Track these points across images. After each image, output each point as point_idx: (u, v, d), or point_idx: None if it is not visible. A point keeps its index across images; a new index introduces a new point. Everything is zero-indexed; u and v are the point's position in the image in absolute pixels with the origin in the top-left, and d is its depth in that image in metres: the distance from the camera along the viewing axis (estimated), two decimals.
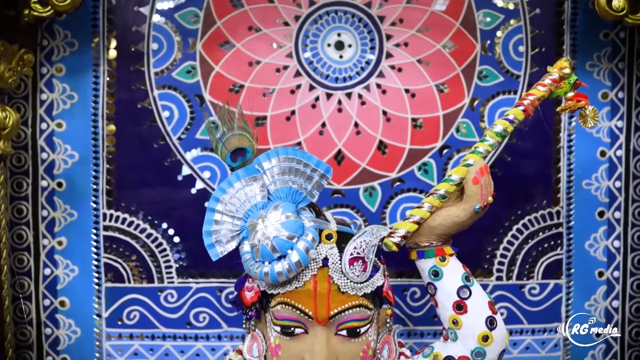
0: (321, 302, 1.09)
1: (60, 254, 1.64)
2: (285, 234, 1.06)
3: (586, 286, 1.70)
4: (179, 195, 1.63)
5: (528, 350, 1.69)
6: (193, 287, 1.65)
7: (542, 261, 1.68)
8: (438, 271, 1.16)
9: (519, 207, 1.67)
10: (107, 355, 1.66)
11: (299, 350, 1.11)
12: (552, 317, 1.69)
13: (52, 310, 1.65)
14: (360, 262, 1.10)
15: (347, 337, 1.11)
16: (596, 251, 1.69)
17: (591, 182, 1.68)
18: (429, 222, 1.16)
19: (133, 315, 1.65)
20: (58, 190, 1.63)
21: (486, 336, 1.14)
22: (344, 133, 1.63)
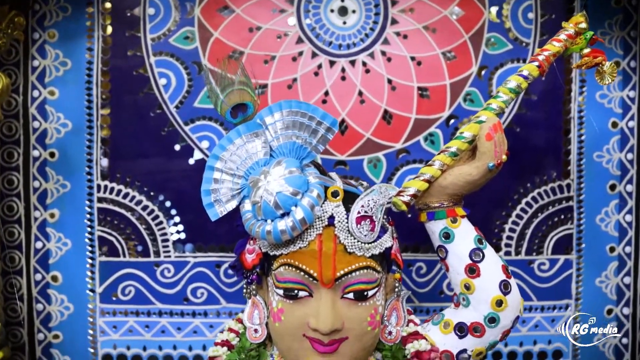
0: (326, 263, 1.03)
1: (53, 226, 1.58)
2: (289, 189, 1.01)
3: (597, 262, 1.64)
4: (176, 166, 1.57)
5: (537, 328, 1.64)
6: (190, 262, 1.59)
7: (551, 236, 1.63)
8: (449, 233, 1.10)
9: (528, 179, 1.61)
10: (101, 332, 1.60)
11: (303, 315, 1.05)
12: (562, 294, 1.64)
13: (43, 285, 1.59)
14: (368, 222, 1.04)
15: (354, 300, 1.05)
16: (607, 226, 1.64)
17: (602, 154, 1.62)
18: (440, 182, 1.10)
19: (128, 290, 1.59)
20: (50, 161, 1.57)
21: (500, 301, 1.09)
22: (348, 102, 1.57)
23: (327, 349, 1.04)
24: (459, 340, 1.11)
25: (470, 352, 1.11)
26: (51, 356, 1.60)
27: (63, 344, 1.60)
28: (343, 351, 1.05)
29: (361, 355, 1.07)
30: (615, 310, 1.65)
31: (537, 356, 1.64)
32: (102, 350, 1.60)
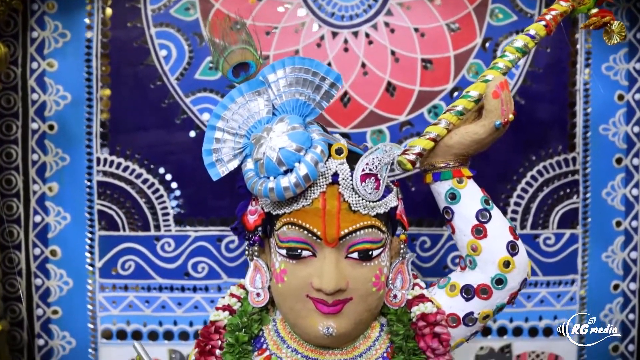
0: (330, 222, 1.01)
1: (52, 200, 1.56)
2: (292, 145, 0.98)
3: (603, 236, 1.62)
4: (176, 139, 1.55)
5: (542, 304, 1.62)
6: (191, 236, 1.57)
7: (557, 210, 1.60)
8: (455, 194, 1.08)
9: (533, 152, 1.59)
10: (101, 307, 1.57)
11: (306, 275, 1.03)
12: (568, 269, 1.61)
13: (42, 259, 1.57)
14: (373, 180, 1.02)
15: (359, 260, 1.03)
16: (613, 200, 1.62)
17: (608, 127, 1.60)
18: (446, 141, 1.08)
19: (128, 265, 1.57)
20: (49, 133, 1.55)
21: (507, 262, 1.07)
22: (351, 74, 1.55)
23: (331, 309, 1.02)
24: (465, 302, 1.09)
25: (477, 314, 1.09)
26: (50, 332, 1.58)
27: (62, 320, 1.58)
28: (347, 312, 1.03)
29: (366, 316, 1.05)
30: (621, 285, 1.63)
31: (543, 332, 1.62)
32: (102, 326, 1.58)
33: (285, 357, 1.07)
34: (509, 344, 1.62)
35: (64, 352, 1.58)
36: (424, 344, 1.06)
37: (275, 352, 1.08)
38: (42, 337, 1.57)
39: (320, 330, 1.02)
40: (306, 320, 1.03)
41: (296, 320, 1.05)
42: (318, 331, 1.02)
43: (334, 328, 1.02)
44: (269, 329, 1.11)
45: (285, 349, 1.08)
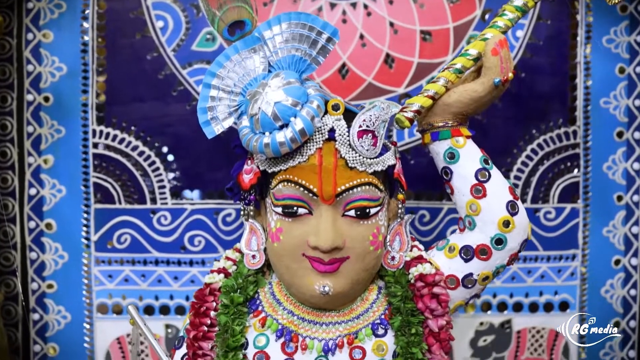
0: (327, 178, 0.99)
1: (47, 172, 1.54)
2: (288, 100, 0.97)
3: (604, 211, 1.60)
4: (173, 111, 1.54)
5: (543, 279, 1.60)
6: (188, 209, 1.55)
7: (557, 184, 1.59)
8: (454, 153, 1.07)
9: (533, 126, 1.57)
10: (96, 281, 1.56)
11: (303, 233, 1.01)
12: (569, 244, 1.60)
13: (37, 233, 1.55)
14: (370, 136, 1.00)
15: (356, 218, 1.01)
16: (615, 174, 1.60)
17: (609, 101, 1.59)
18: (444, 99, 1.06)
19: (124, 238, 1.55)
20: (45, 105, 1.53)
21: (507, 221, 1.05)
22: (349, 45, 1.53)
23: (328, 268, 1.00)
24: (464, 264, 1.07)
25: (477, 276, 1.07)
26: (45, 306, 1.56)
27: (57, 294, 1.56)
28: (344, 271, 1.01)
29: (363, 276, 1.03)
30: (622, 260, 1.61)
31: (544, 307, 1.61)
32: (97, 300, 1.56)
33: (281, 319, 1.06)
34: (509, 320, 1.60)
35: (59, 326, 1.56)
36: (422, 305, 1.04)
37: (270, 314, 1.06)
38: (37, 311, 1.56)
39: (317, 289, 1.00)
40: (302, 279, 1.01)
41: (292, 280, 1.03)
42: (314, 290, 1.00)
43: (330, 287, 1.00)
44: (265, 292, 1.09)
45: (281, 310, 1.07)
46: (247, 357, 1.04)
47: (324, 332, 1.05)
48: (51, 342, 1.57)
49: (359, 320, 1.06)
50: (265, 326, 1.05)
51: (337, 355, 1.03)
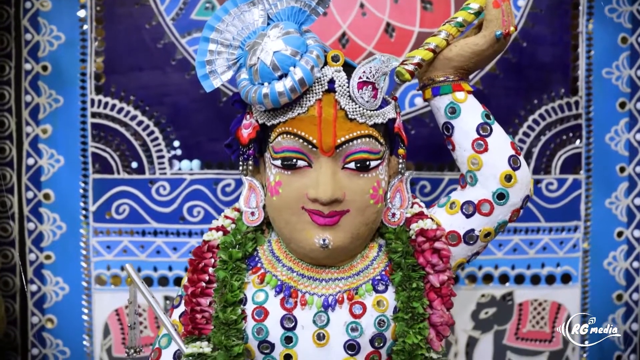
0: (327, 129, 0.98)
1: (45, 142, 1.53)
2: (288, 49, 0.96)
3: (607, 182, 1.59)
4: (172, 81, 1.52)
5: (545, 251, 1.58)
6: (187, 179, 1.54)
7: (559, 155, 1.57)
8: (455, 108, 1.05)
9: (535, 96, 1.56)
10: (95, 252, 1.55)
11: (302, 186, 0.99)
12: (571, 215, 1.58)
13: (35, 203, 1.54)
14: (370, 88, 0.99)
15: (356, 171, 1.00)
16: (617, 145, 1.59)
17: (612, 71, 1.57)
18: (445, 53, 1.05)
19: (122, 209, 1.54)
20: (43, 74, 1.52)
21: (509, 176, 1.03)
22: (349, 14, 1.52)
23: (328, 220, 0.98)
24: (466, 219, 1.06)
25: (478, 232, 1.06)
26: (43, 277, 1.55)
27: (55, 265, 1.55)
28: (344, 225, 1.00)
29: (363, 230, 1.02)
30: (625, 232, 1.60)
31: (545, 280, 1.59)
32: (95, 272, 1.55)
33: (280, 275, 1.04)
34: (510, 292, 1.59)
35: (57, 298, 1.55)
36: (423, 260, 1.03)
37: (269, 270, 1.05)
38: (35, 282, 1.55)
39: (316, 243, 0.99)
40: (302, 233, 1.00)
41: (292, 235, 1.02)
42: (314, 244, 0.99)
43: (330, 240, 0.98)
44: (264, 249, 1.08)
45: (280, 267, 1.05)
46: (245, 312, 1.02)
47: (323, 288, 1.03)
48: (49, 313, 1.55)
49: (359, 276, 1.04)
50: (264, 282, 1.04)
51: (337, 310, 1.02)
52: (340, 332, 1.01)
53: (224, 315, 1.00)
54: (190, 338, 1.02)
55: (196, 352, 1.01)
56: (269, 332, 1.01)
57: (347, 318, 1.01)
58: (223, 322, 1.00)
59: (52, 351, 1.55)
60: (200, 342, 1.02)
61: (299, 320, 1.01)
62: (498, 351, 1.59)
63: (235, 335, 1.00)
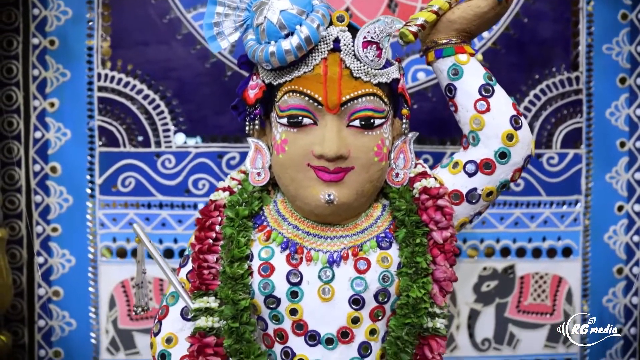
0: (332, 87, 1.00)
1: (52, 116, 1.55)
2: (294, 8, 0.98)
3: (607, 157, 1.61)
4: (178, 55, 1.54)
5: (546, 224, 1.60)
6: (192, 152, 1.56)
7: (560, 129, 1.59)
8: (458, 69, 1.07)
9: (536, 71, 1.58)
10: (101, 224, 1.56)
11: (308, 143, 1.01)
12: (572, 189, 1.60)
13: (42, 176, 1.56)
14: (375, 47, 1.01)
15: (360, 128, 1.02)
16: (617, 120, 1.60)
17: (612, 47, 1.59)
18: (448, 16, 1.07)
19: (128, 182, 1.56)
20: (50, 49, 1.54)
21: (511, 135, 1.05)
22: None
23: (333, 177, 1.00)
24: (468, 178, 1.07)
25: (481, 190, 1.07)
26: (49, 249, 1.57)
27: (62, 237, 1.57)
28: (349, 181, 1.01)
29: (367, 188, 1.04)
30: (626, 207, 1.61)
31: (547, 253, 1.61)
32: (101, 244, 1.57)
33: (286, 232, 1.06)
34: (512, 265, 1.61)
35: (64, 270, 1.57)
36: (426, 217, 1.04)
37: (275, 228, 1.07)
38: (42, 254, 1.56)
39: (322, 199, 1.00)
40: (307, 190, 1.02)
41: (297, 192, 1.03)
42: (319, 200, 1.01)
43: (335, 196, 1.00)
44: (270, 209, 1.10)
45: (286, 225, 1.07)
46: (252, 268, 1.04)
47: (328, 245, 1.05)
48: (55, 285, 1.57)
49: (363, 234, 1.06)
50: (270, 239, 1.06)
51: (341, 266, 1.03)
52: (345, 287, 1.02)
53: (231, 269, 1.02)
54: (197, 293, 1.04)
55: (203, 307, 1.03)
56: (275, 287, 1.03)
57: (352, 273, 1.03)
58: (230, 276, 1.02)
59: (59, 323, 1.57)
60: (207, 298, 1.03)
61: (305, 275, 1.03)
62: (500, 324, 1.61)
63: (242, 290, 1.02)
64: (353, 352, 1.03)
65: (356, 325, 1.03)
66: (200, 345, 1.01)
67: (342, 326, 1.03)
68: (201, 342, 1.02)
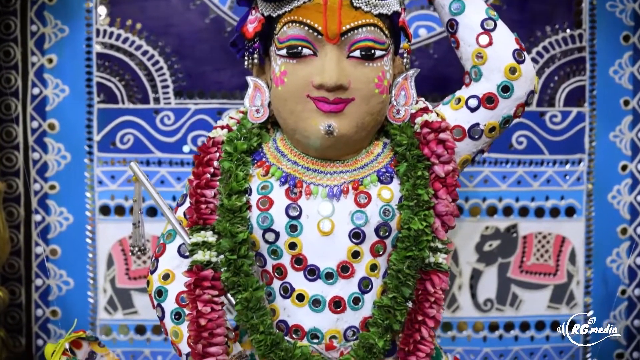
0: (332, 16, 0.98)
1: (50, 72, 1.54)
2: None
3: (611, 115, 1.59)
4: (177, 11, 1.53)
5: (549, 183, 1.58)
6: (191, 109, 1.54)
7: (563, 87, 1.58)
8: (459, 4, 1.05)
9: (538, 28, 1.57)
10: (99, 182, 1.55)
11: (307, 74, 0.99)
12: (575, 148, 1.59)
13: (40, 133, 1.54)
14: None
15: (361, 59, 1.00)
16: (621, 78, 1.59)
17: (615, 4, 1.58)
18: None
19: (127, 139, 1.54)
20: (49, 4, 1.53)
21: (513, 68, 1.04)
22: None
23: (333, 107, 0.98)
24: (471, 113, 1.05)
25: (483, 125, 1.05)
26: (47, 207, 1.55)
27: (59, 195, 1.55)
28: (349, 113, 0.99)
29: (368, 120, 1.02)
30: (629, 166, 1.60)
31: (550, 212, 1.59)
32: (100, 201, 1.55)
33: (285, 168, 1.04)
34: (515, 225, 1.59)
35: (61, 228, 1.55)
36: (428, 151, 1.03)
37: (274, 163, 1.05)
38: (39, 212, 1.55)
39: (321, 130, 0.99)
40: (307, 121, 1.00)
41: (297, 124, 1.01)
42: (319, 131, 0.99)
43: (335, 126, 0.98)
44: (269, 146, 1.08)
45: (285, 161, 1.05)
46: (250, 202, 1.02)
47: (328, 180, 1.03)
48: (53, 243, 1.56)
49: (363, 169, 1.04)
50: (269, 174, 1.04)
51: (342, 200, 1.01)
52: (345, 221, 1.01)
53: (229, 202, 1.00)
54: (195, 228, 1.02)
55: (200, 241, 1.01)
56: (274, 221, 1.01)
57: (352, 207, 1.01)
58: (228, 208, 1.00)
59: (56, 282, 1.55)
60: (204, 232, 1.02)
61: (304, 209, 1.01)
62: (502, 284, 1.59)
63: (240, 223, 1.00)
64: (353, 287, 1.02)
65: (356, 259, 1.01)
66: (198, 278, 1.00)
67: (342, 260, 1.01)
68: (198, 275, 1.00)
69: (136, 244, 1.10)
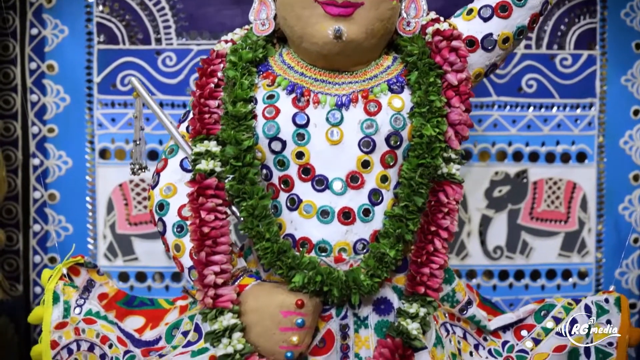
0: None
1: (49, 12, 1.50)
2: None
3: (623, 59, 1.55)
4: None
5: (560, 128, 1.55)
6: (194, 50, 1.51)
7: (574, 29, 1.54)
8: None
9: None
10: (99, 125, 1.51)
11: None
12: (586, 92, 1.55)
13: (39, 75, 1.51)
14: None
15: None
16: (633, 21, 1.55)
17: None
18: None
19: (127, 80, 1.50)
20: None
21: None
22: None
23: (342, 10, 0.95)
24: (484, 23, 1.02)
25: (497, 36, 1.02)
26: (45, 151, 1.51)
27: (58, 138, 1.51)
28: (358, 17, 0.96)
29: (377, 27, 0.98)
30: None
31: (560, 158, 1.55)
32: (100, 145, 1.52)
33: (292, 78, 1.01)
34: (525, 170, 1.55)
35: (60, 172, 1.52)
36: (440, 59, 0.99)
37: (281, 74, 1.02)
38: (37, 156, 1.51)
39: (329, 34, 0.95)
40: (314, 27, 0.96)
41: (304, 30, 0.98)
42: (327, 36, 0.95)
43: (344, 31, 0.95)
44: (275, 59, 1.05)
45: (291, 72, 1.02)
46: (255, 112, 0.99)
47: (336, 90, 1.00)
48: (51, 188, 1.52)
49: (373, 80, 1.01)
50: (275, 84, 1.01)
51: (351, 109, 0.98)
52: (355, 130, 0.97)
53: (234, 109, 0.97)
54: (198, 138, 0.99)
55: (204, 150, 0.97)
56: (280, 129, 0.97)
57: (362, 116, 0.98)
58: (233, 115, 0.97)
59: (54, 228, 1.51)
60: (208, 142, 0.98)
61: (312, 118, 0.98)
62: (512, 231, 1.55)
63: (245, 130, 0.97)
64: (363, 198, 0.98)
65: (366, 170, 0.97)
66: (201, 187, 0.96)
67: (352, 170, 0.97)
68: (201, 184, 0.96)
69: (137, 161, 1.06)
